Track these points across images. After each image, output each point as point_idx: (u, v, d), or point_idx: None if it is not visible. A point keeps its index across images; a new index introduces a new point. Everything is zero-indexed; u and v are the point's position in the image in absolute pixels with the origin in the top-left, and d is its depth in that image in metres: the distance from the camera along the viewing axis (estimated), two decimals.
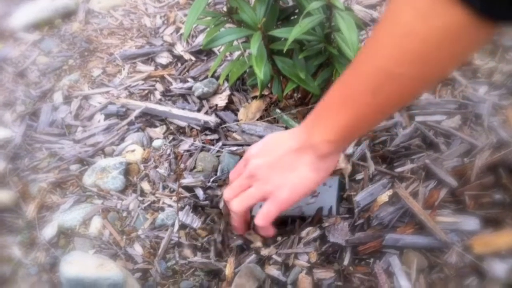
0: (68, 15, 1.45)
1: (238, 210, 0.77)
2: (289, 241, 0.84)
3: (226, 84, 1.14)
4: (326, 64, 0.96)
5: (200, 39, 1.28)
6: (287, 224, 0.86)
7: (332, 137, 0.67)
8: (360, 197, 0.86)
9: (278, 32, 0.89)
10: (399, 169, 0.89)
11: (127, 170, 0.99)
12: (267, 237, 0.83)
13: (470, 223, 0.81)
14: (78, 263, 0.80)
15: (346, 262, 0.81)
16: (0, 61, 1.33)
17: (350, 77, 0.64)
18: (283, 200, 0.73)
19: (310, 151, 0.70)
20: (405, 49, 0.55)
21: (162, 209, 0.92)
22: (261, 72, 0.87)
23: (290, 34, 0.82)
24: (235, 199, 0.77)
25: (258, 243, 0.84)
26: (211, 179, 0.95)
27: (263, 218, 0.75)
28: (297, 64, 0.94)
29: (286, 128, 1.02)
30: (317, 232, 0.84)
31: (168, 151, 1.02)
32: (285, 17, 0.96)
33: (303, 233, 0.85)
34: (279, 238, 0.85)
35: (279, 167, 0.73)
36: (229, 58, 1.21)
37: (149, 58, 1.27)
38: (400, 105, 0.68)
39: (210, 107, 1.11)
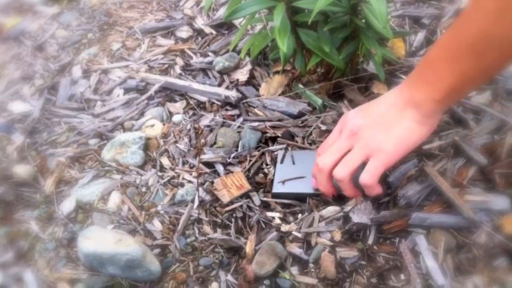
0: None
1: (344, 176, 0.74)
2: (310, 219, 0.82)
3: (247, 59, 1.12)
4: (352, 37, 0.93)
5: (221, 13, 1.25)
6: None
7: (437, 96, 0.68)
8: (393, 177, 0.83)
9: (302, 3, 0.86)
10: (426, 146, 0.86)
11: (147, 145, 0.98)
12: (374, 196, 0.78)
13: (500, 202, 0.78)
14: (96, 238, 0.79)
15: (370, 241, 0.79)
16: (18, 34, 1.32)
17: (453, 39, 0.66)
18: (390, 155, 0.72)
19: (414, 108, 0.70)
20: (506, 11, 0.57)
21: (182, 184, 0.91)
22: (284, 44, 0.84)
23: (315, 5, 0.79)
24: (338, 166, 0.75)
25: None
26: (232, 155, 0.94)
27: (371, 176, 0.73)
28: (322, 37, 0.91)
29: (309, 103, 0.99)
30: (340, 212, 0.82)
31: (188, 126, 1.01)
32: None
33: (325, 212, 0.82)
34: (299, 215, 0.83)
35: (382, 123, 0.72)
36: (250, 31, 1.19)
37: (169, 31, 1.25)
38: (504, 66, 0.68)
39: (231, 82, 1.09)
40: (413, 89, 0.70)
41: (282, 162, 0.89)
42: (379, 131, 0.72)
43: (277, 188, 0.86)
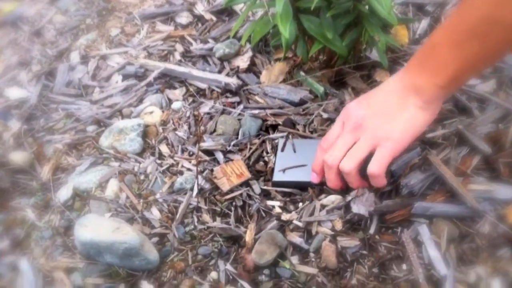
0: None
1: (351, 169, 0.73)
2: (311, 208, 0.81)
3: (248, 45, 1.10)
4: (355, 24, 0.92)
5: None
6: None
7: (439, 81, 0.68)
8: (396, 166, 0.82)
9: None
10: (430, 135, 0.85)
11: (145, 132, 0.96)
12: (380, 187, 0.77)
13: (504, 191, 0.77)
14: (93, 227, 0.78)
15: (372, 230, 0.78)
16: (16, 19, 1.30)
17: (456, 24, 0.65)
18: (397, 143, 0.71)
19: (416, 94, 0.70)
20: None
21: (181, 172, 0.90)
22: (286, 30, 0.83)
23: None
24: (344, 159, 0.74)
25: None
26: (232, 143, 0.92)
27: (379, 166, 0.71)
28: (324, 23, 0.89)
29: (311, 91, 0.98)
30: (342, 202, 0.80)
31: (188, 114, 0.99)
32: None
33: (326, 201, 0.81)
34: (300, 204, 0.82)
35: (386, 112, 0.71)
36: (251, 18, 1.17)
37: (168, 17, 1.23)
38: (507, 51, 0.68)
39: (232, 69, 1.08)
40: (414, 75, 0.70)
41: (283, 150, 0.88)
42: (383, 119, 0.71)
43: (277, 176, 0.85)
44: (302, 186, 0.84)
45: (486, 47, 0.63)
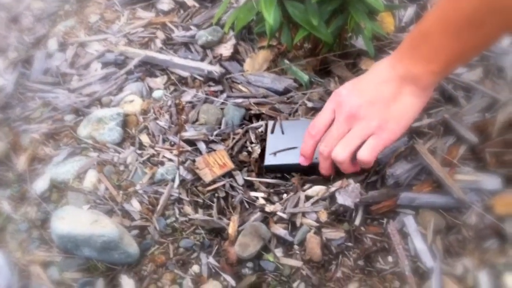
0: None
1: (344, 157, 0.72)
2: (295, 199, 0.79)
3: (231, 33, 1.08)
4: (341, 10, 0.90)
5: None
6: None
7: (435, 68, 0.67)
8: (382, 154, 0.80)
9: None
10: (416, 124, 0.84)
11: (125, 122, 0.94)
12: (354, 172, 0.77)
13: (491, 182, 0.77)
14: (70, 219, 0.76)
15: (357, 222, 0.77)
16: None
17: (451, 10, 0.64)
18: (393, 133, 0.70)
19: (412, 83, 0.69)
20: None
21: (162, 163, 0.87)
22: (270, 16, 0.81)
23: None
24: (338, 149, 0.72)
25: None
26: (215, 133, 0.90)
27: (370, 153, 0.70)
28: (309, 9, 0.87)
29: (295, 80, 0.96)
30: (327, 193, 0.79)
31: (169, 103, 0.97)
32: None
33: (311, 192, 0.80)
34: (284, 195, 0.80)
35: (380, 100, 0.70)
36: (235, 4, 1.14)
37: (149, 4, 1.20)
38: (501, 36, 0.69)
39: (214, 57, 1.05)
40: (409, 63, 0.68)
41: (272, 132, 0.86)
42: (378, 109, 0.70)
43: (269, 160, 0.83)
44: (295, 169, 0.82)
45: (481, 34, 0.62)
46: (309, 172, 0.82)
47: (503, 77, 0.90)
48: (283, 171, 0.84)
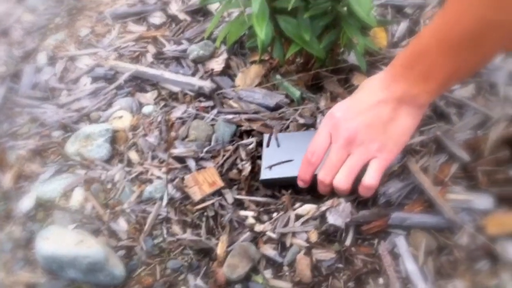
0: None
1: (348, 186, 0.71)
2: (285, 218, 0.78)
3: (223, 47, 1.08)
4: (333, 25, 0.89)
5: None
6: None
7: (434, 87, 0.67)
8: None
9: None
10: (408, 142, 0.83)
11: (114, 138, 0.93)
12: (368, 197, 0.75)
13: (483, 201, 0.76)
14: (55, 239, 0.75)
15: (348, 242, 0.75)
16: None
17: (450, 28, 0.63)
18: (391, 154, 0.70)
19: (409, 103, 0.68)
20: None
21: (150, 181, 0.86)
22: (262, 31, 0.80)
23: None
24: (340, 177, 0.71)
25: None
26: (204, 149, 0.89)
27: (375, 178, 0.70)
28: (302, 24, 0.86)
29: (287, 95, 0.95)
30: (317, 212, 0.78)
31: (159, 118, 0.96)
32: None
33: (301, 210, 0.79)
34: (274, 214, 0.79)
35: (377, 122, 0.69)
36: (227, 18, 1.14)
37: (141, 17, 1.20)
38: (502, 51, 0.69)
39: (206, 72, 1.04)
40: (404, 84, 0.67)
41: (268, 146, 0.85)
42: (376, 131, 0.69)
43: (265, 174, 0.82)
44: (291, 182, 0.81)
45: (481, 51, 0.62)
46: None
47: (496, 94, 0.89)
48: (280, 185, 0.83)
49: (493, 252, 0.71)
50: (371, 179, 0.70)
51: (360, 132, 0.70)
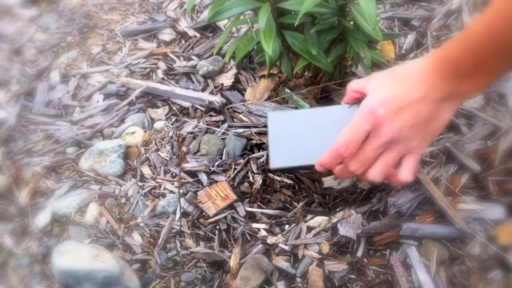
0: None
1: (380, 180, 0.70)
2: (297, 230, 0.79)
3: (232, 62, 1.09)
4: (340, 40, 0.90)
5: (205, 15, 1.22)
6: None
7: (483, 85, 0.66)
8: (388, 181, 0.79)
9: (288, 4, 0.82)
10: None
11: (127, 154, 0.94)
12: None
13: (494, 211, 0.76)
14: (71, 254, 0.75)
15: (360, 253, 0.76)
16: None
17: (505, 27, 0.61)
18: (425, 148, 0.69)
19: (455, 98, 0.67)
20: None
21: (163, 195, 0.87)
22: (269, 47, 0.81)
23: (302, 6, 0.75)
24: (373, 170, 0.69)
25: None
26: (216, 163, 0.90)
27: (412, 172, 0.69)
28: (309, 39, 0.87)
29: (296, 109, 0.96)
30: (328, 223, 0.78)
31: (171, 133, 0.97)
32: None
33: (313, 222, 0.79)
34: (286, 227, 0.80)
35: (420, 121, 0.68)
36: (235, 34, 1.15)
37: (151, 34, 1.21)
38: None
39: (216, 87, 1.05)
40: (457, 82, 0.66)
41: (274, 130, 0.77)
42: (418, 130, 0.68)
43: (274, 162, 0.73)
44: (303, 168, 0.80)
45: None
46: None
47: (505, 104, 0.89)
48: (291, 171, 0.82)
49: (505, 261, 0.71)
50: (409, 175, 0.68)
51: (403, 133, 0.68)
